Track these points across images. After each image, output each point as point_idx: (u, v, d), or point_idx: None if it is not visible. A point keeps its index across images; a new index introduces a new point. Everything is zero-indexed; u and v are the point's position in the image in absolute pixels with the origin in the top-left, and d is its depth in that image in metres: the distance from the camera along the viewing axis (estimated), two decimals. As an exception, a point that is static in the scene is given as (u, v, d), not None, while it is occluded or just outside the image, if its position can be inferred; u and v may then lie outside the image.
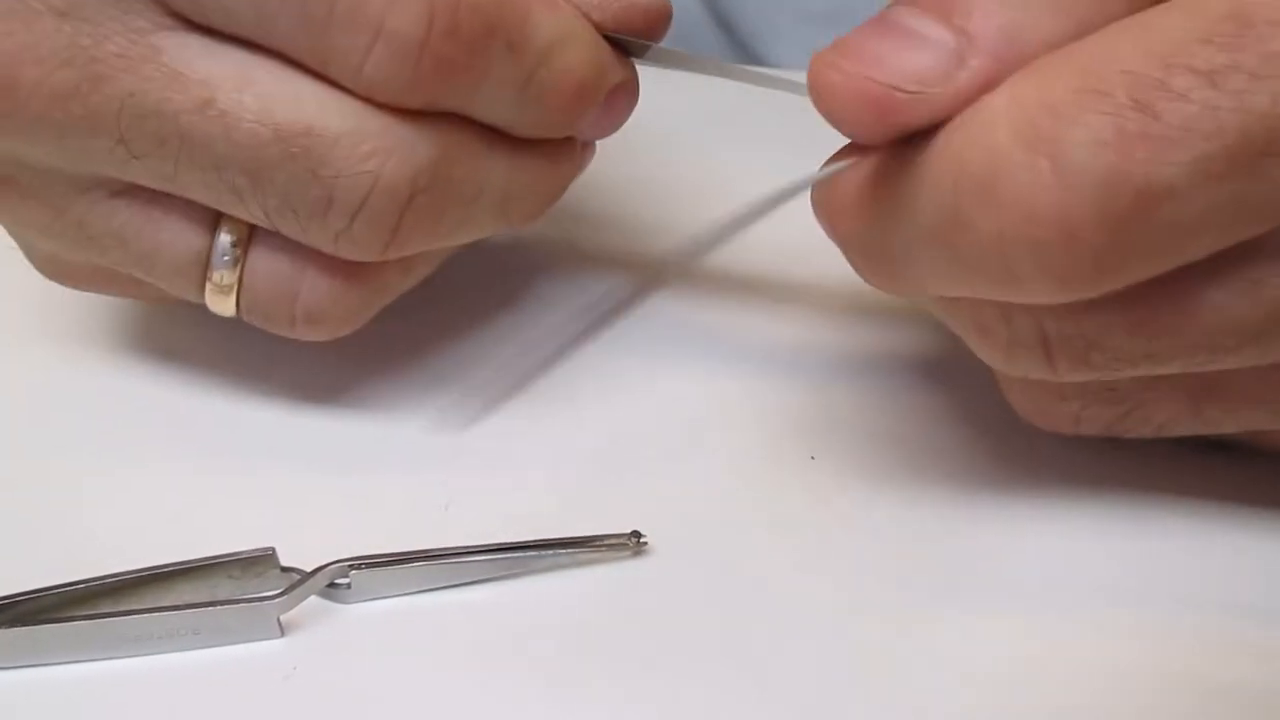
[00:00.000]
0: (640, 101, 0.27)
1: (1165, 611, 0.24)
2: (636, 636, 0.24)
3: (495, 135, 0.25)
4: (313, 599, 0.24)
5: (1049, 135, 0.19)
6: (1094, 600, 0.25)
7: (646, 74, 0.27)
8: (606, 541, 0.25)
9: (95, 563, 0.24)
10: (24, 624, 0.23)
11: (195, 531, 0.25)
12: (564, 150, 0.27)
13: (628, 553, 0.25)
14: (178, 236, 0.25)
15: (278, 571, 0.24)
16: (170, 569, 0.24)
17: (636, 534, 0.25)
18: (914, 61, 0.21)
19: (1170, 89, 0.19)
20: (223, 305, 0.26)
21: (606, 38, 0.26)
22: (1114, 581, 0.25)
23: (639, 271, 0.33)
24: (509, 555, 0.25)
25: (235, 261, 0.25)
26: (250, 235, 0.25)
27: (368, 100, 0.23)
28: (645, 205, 0.35)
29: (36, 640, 0.23)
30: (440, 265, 0.28)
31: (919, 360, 0.30)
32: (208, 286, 0.26)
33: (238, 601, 0.23)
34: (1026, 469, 0.27)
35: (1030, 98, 0.20)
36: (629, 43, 0.26)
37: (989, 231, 0.20)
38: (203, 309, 0.26)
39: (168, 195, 0.25)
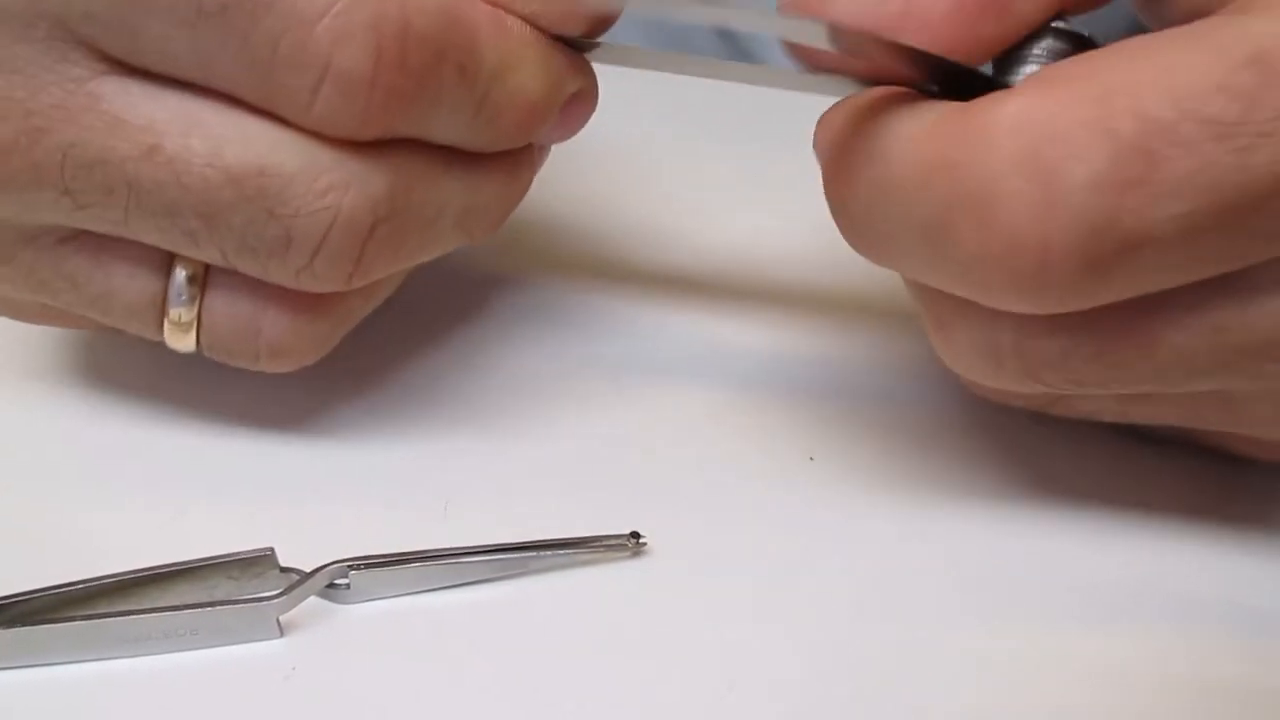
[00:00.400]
0: (602, 106, 0.27)
1: (1164, 613, 0.25)
2: (635, 637, 0.24)
3: (452, 154, 0.25)
4: (312, 599, 0.24)
5: (1048, 166, 0.19)
6: (1094, 602, 0.25)
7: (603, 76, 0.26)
8: (606, 542, 0.25)
9: (93, 563, 0.24)
10: (23, 624, 0.23)
11: (194, 532, 0.25)
12: (521, 159, 0.26)
13: (627, 553, 0.25)
14: (131, 279, 0.25)
15: (277, 572, 0.24)
16: (169, 569, 0.24)
17: (635, 534, 0.25)
18: None
19: (1177, 138, 0.18)
20: (182, 343, 0.25)
21: (562, 39, 0.25)
22: (1113, 583, 0.25)
23: (612, 277, 0.33)
24: (508, 555, 0.25)
25: (192, 299, 0.25)
26: (206, 271, 0.25)
27: (320, 136, 0.23)
28: (613, 212, 0.35)
29: (35, 640, 0.23)
30: (404, 282, 0.28)
31: (918, 362, 0.30)
32: (166, 326, 0.25)
33: (237, 602, 0.23)
34: (1027, 471, 0.27)
35: (1039, 121, 0.19)
36: (579, 42, 0.25)
37: (973, 247, 0.20)
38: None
39: (119, 238, 0.24)
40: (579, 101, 0.26)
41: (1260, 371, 0.21)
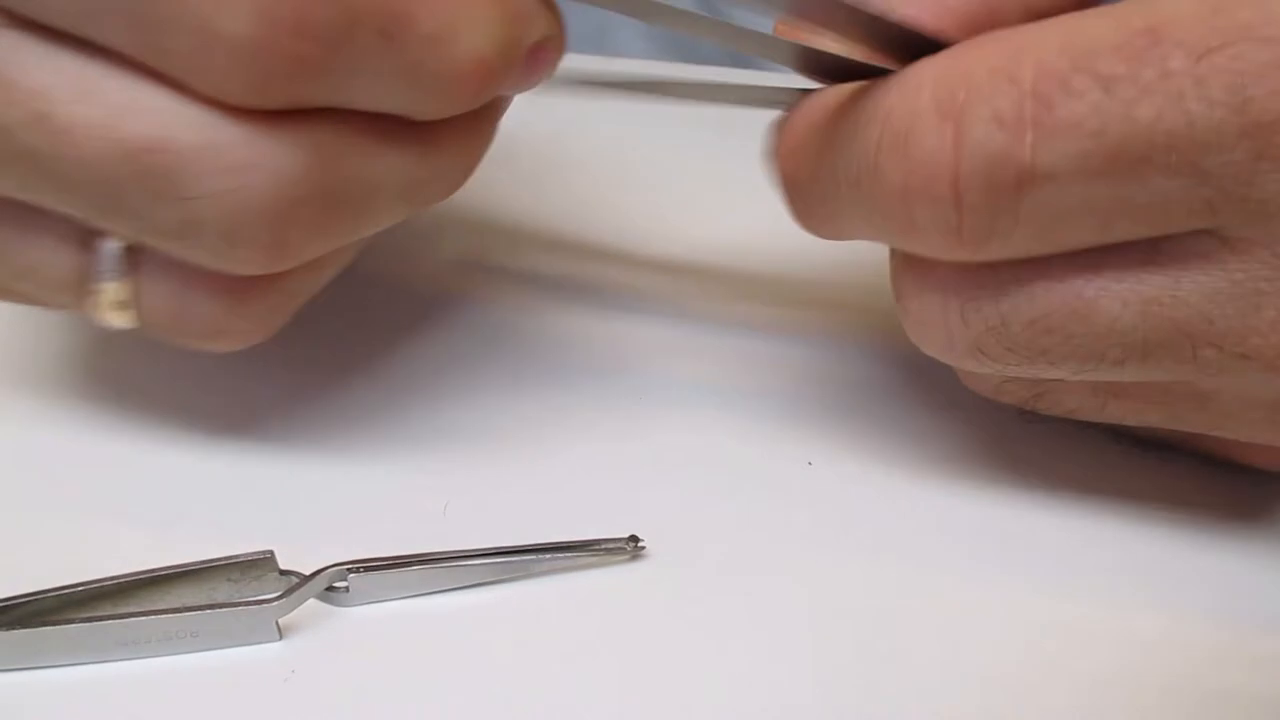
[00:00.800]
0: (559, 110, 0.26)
1: (1163, 617, 0.25)
2: (635, 640, 0.24)
3: (389, 123, 0.23)
4: (311, 602, 0.24)
5: (959, 105, 0.21)
6: (1093, 606, 0.25)
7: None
8: (604, 545, 0.25)
9: (93, 566, 0.24)
10: (23, 626, 0.23)
11: (193, 535, 0.25)
12: (480, 119, 0.24)
13: (626, 556, 0.25)
14: (53, 253, 0.23)
15: (276, 575, 0.24)
16: (169, 572, 0.24)
17: (634, 538, 0.25)
18: None
19: (1070, 87, 0.20)
20: (119, 320, 0.24)
21: None
22: (1113, 587, 0.25)
23: (610, 279, 0.33)
24: (508, 559, 0.25)
25: (123, 275, 0.23)
26: (135, 250, 0.23)
27: (223, 107, 0.21)
28: (607, 213, 0.35)
29: (35, 643, 0.23)
30: (365, 249, 0.26)
31: (918, 364, 0.30)
32: (95, 303, 0.23)
33: (237, 604, 0.23)
34: (1028, 475, 0.27)
35: (957, 69, 0.21)
36: None
37: (897, 182, 0.22)
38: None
39: (41, 209, 0.22)
40: (544, 48, 0.24)
41: (1199, 357, 0.22)
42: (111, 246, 0.23)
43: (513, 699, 0.23)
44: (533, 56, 0.23)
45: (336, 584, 0.24)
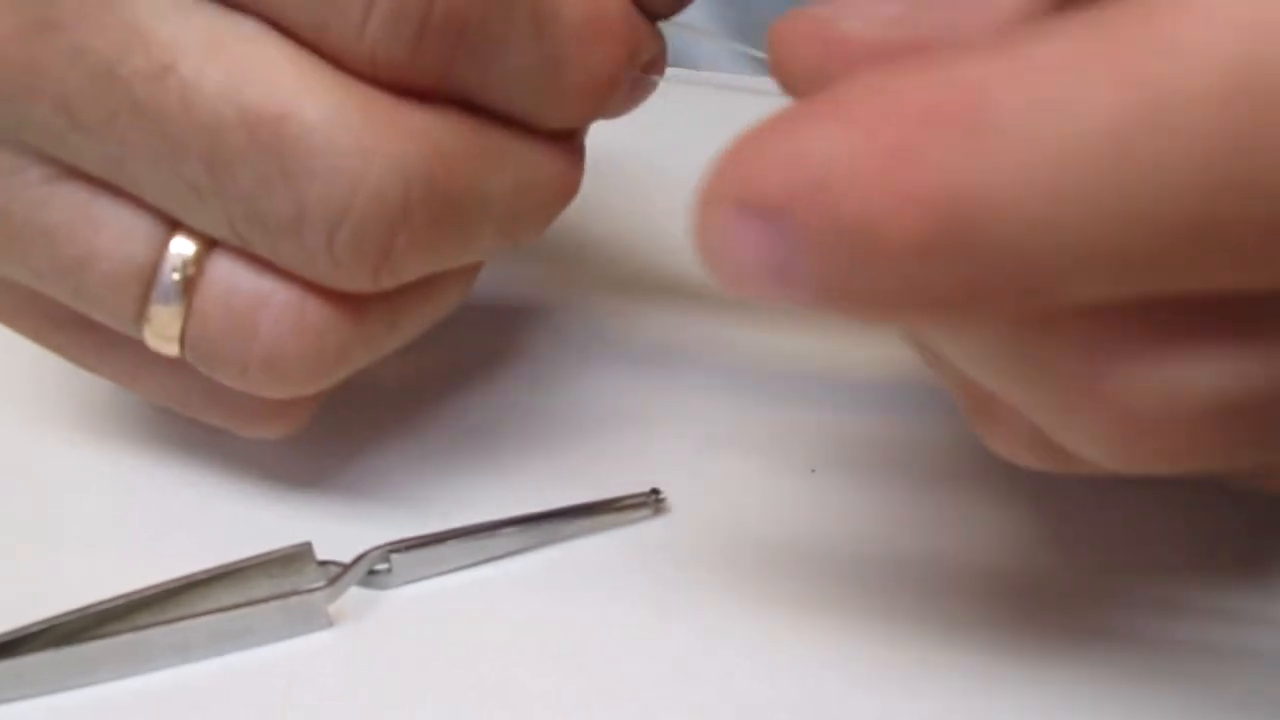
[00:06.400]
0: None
1: (1162, 621, 0.24)
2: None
3: (507, 129, 0.22)
4: (352, 588, 0.24)
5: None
6: (1094, 609, 0.24)
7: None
8: (628, 502, 0.26)
9: (104, 582, 0.23)
10: (68, 644, 0.22)
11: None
12: (576, 145, 0.24)
13: (649, 511, 0.26)
14: (120, 243, 0.21)
15: (315, 566, 0.24)
16: (206, 575, 0.23)
17: (655, 491, 0.26)
18: None
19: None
20: (163, 334, 0.22)
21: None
22: (1113, 590, 0.25)
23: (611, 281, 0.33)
24: (539, 525, 0.25)
25: (186, 283, 0.21)
26: (209, 252, 0.21)
27: (362, 82, 0.20)
28: (622, 218, 0.35)
29: (83, 659, 0.22)
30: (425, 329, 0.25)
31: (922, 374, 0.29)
32: (149, 310, 0.22)
33: (288, 596, 0.23)
34: (1029, 480, 0.26)
35: None
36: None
37: None
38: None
39: (115, 190, 0.21)
40: (652, 69, 0.24)
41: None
42: (185, 246, 0.21)
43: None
44: (644, 73, 0.24)
45: (378, 567, 0.24)
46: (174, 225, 0.21)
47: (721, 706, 0.22)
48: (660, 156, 0.36)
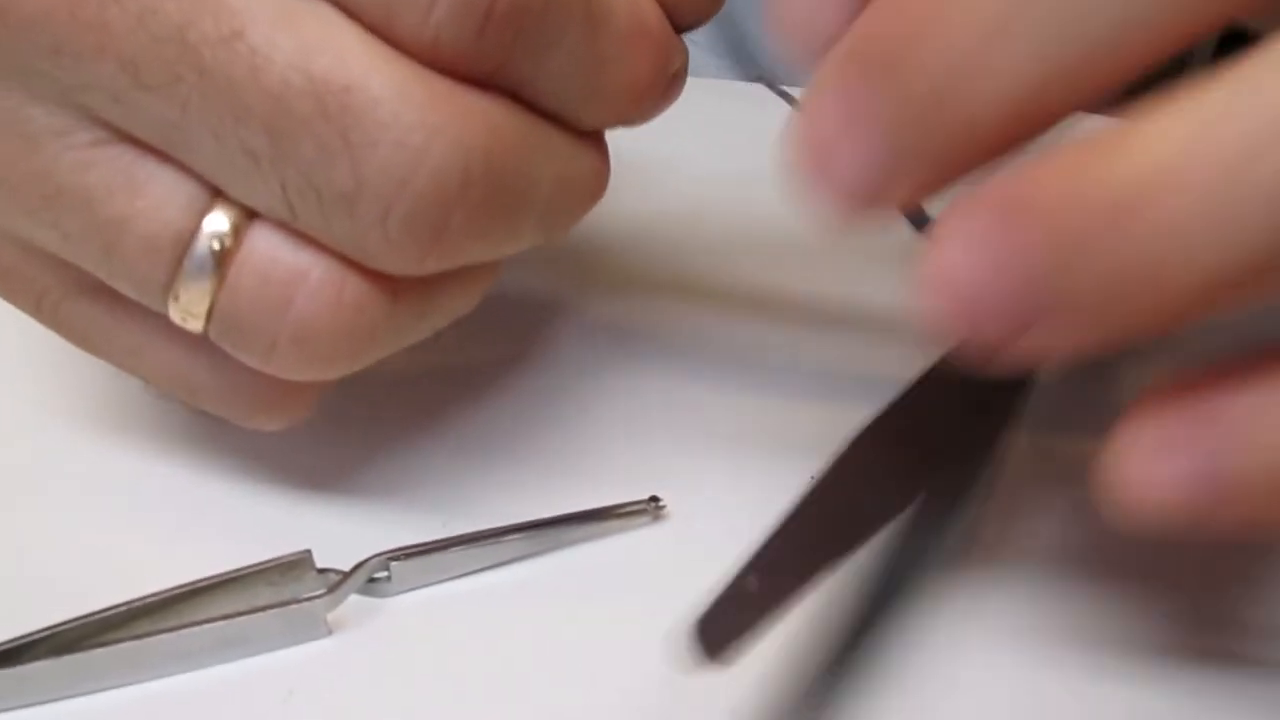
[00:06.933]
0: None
1: (1162, 627, 0.24)
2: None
3: (549, 122, 0.23)
4: (351, 596, 0.24)
5: None
6: (1094, 614, 0.24)
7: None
8: (628, 509, 0.26)
9: (112, 586, 0.23)
10: (69, 652, 0.22)
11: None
12: (604, 146, 0.25)
13: (648, 518, 0.26)
14: (160, 206, 0.21)
15: (314, 573, 0.24)
16: (208, 583, 0.24)
17: (655, 499, 0.26)
18: None
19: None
20: (191, 307, 0.22)
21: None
22: (1115, 596, 0.25)
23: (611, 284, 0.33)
24: (539, 532, 0.25)
25: (222, 254, 0.21)
26: (249, 224, 0.21)
27: (422, 72, 0.20)
28: (629, 217, 0.35)
29: (84, 667, 0.22)
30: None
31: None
32: (180, 279, 0.21)
33: (287, 604, 0.23)
34: (1029, 483, 0.27)
35: None
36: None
37: None
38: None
39: (162, 156, 0.21)
40: (676, 82, 0.25)
41: None
42: (225, 216, 0.21)
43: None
44: (672, 84, 0.25)
45: (377, 575, 0.24)
46: (216, 195, 0.21)
47: (721, 713, 0.22)
48: (660, 158, 0.36)
